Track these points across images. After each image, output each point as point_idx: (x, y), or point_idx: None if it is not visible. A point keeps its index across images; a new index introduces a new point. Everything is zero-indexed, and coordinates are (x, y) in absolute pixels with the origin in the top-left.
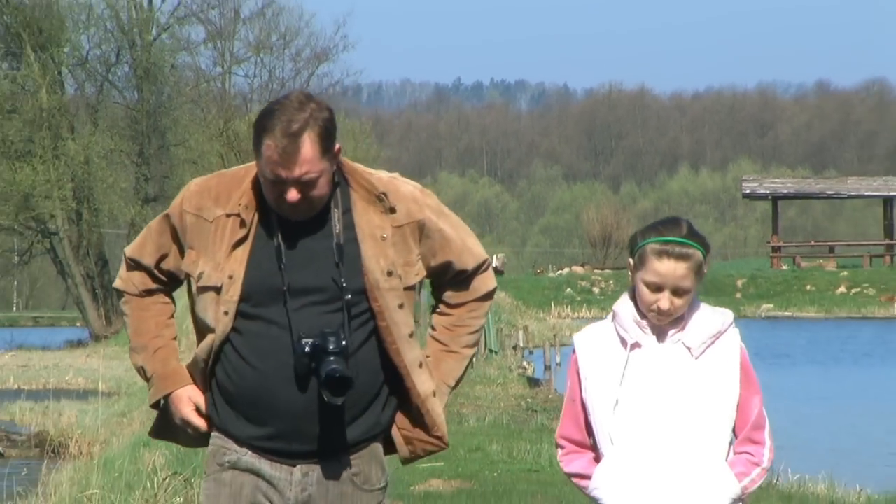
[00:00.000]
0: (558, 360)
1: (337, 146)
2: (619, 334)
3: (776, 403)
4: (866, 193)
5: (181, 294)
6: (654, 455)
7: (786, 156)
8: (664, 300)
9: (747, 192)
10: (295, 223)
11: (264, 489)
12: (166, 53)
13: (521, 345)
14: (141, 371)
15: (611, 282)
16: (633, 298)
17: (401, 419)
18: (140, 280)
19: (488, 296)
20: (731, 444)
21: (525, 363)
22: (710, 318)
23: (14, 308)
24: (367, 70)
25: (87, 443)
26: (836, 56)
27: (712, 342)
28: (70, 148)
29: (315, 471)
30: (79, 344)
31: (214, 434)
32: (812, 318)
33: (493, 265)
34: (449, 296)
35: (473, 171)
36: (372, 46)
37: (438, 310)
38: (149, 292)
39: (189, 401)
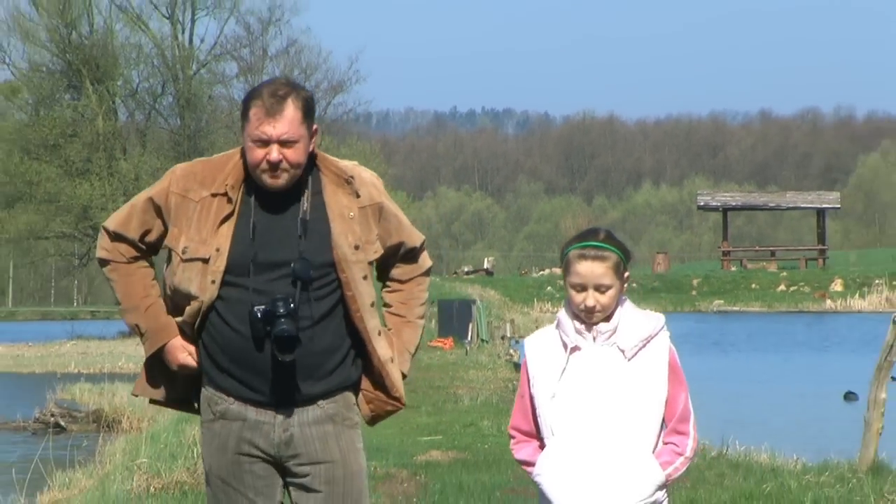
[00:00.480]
0: None
1: (315, 126)
2: (561, 339)
3: (725, 385)
4: (802, 205)
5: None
6: (589, 446)
7: (734, 173)
8: (589, 298)
9: (701, 204)
10: (271, 203)
11: (249, 436)
12: (204, 86)
13: (509, 335)
14: (136, 328)
15: None
16: (570, 306)
17: (363, 382)
18: (125, 249)
19: (429, 271)
20: (660, 434)
21: (511, 351)
22: (643, 323)
23: (74, 303)
24: (376, 99)
25: (136, 419)
26: (777, 88)
27: (644, 345)
28: (122, 167)
29: (296, 414)
30: (130, 334)
31: (205, 386)
32: (756, 311)
33: (485, 267)
34: (399, 273)
35: (467, 187)
36: (380, 79)
37: (389, 288)
38: (134, 258)
39: (183, 348)
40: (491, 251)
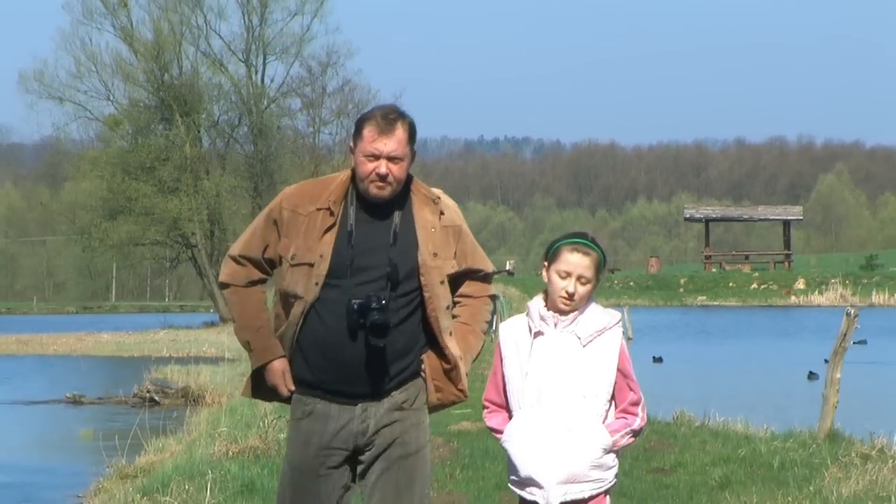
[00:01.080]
0: None
1: (414, 150)
2: (529, 323)
3: (706, 366)
4: (771, 217)
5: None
6: (548, 417)
7: (714, 190)
8: (571, 284)
9: (687, 216)
10: (368, 216)
11: (331, 432)
12: (273, 118)
13: None
14: (246, 344)
15: None
16: (545, 298)
17: (434, 372)
18: (245, 274)
19: (493, 297)
20: (609, 409)
21: None
22: (599, 317)
23: (166, 299)
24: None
25: (217, 395)
26: (750, 119)
27: (598, 335)
28: (205, 185)
29: (372, 406)
30: (212, 324)
31: (297, 388)
32: (733, 305)
33: (507, 268)
34: (470, 291)
35: (492, 202)
36: (419, 111)
37: (460, 303)
38: (251, 283)
39: (281, 373)
40: (512, 255)
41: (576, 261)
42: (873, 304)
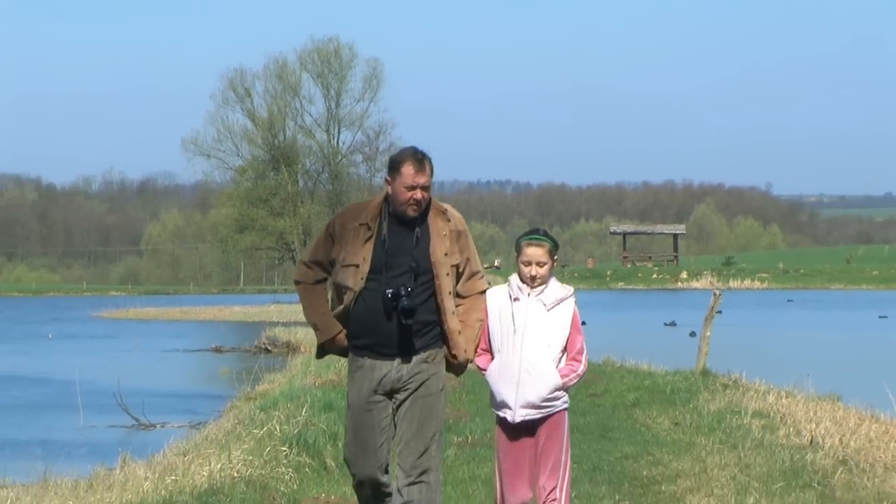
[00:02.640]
0: None
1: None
2: (509, 291)
3: (624, 326)
4: (665, 232)
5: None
6: (518, 361)
7: (630, 215)
8: (533, 269)
9: (611, 231)
10: (396, 228)
11: (375, 378)
12: (344, 168)
13: None
14: (314, 325)
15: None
16: (518, 275)
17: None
18: (313, 274)
19: (484, 293)
20: (561, 358)
21: None
22: (559, 290)
23: (275, 284)
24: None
25: (308, 346)
26: (652, 166)
27: (559, 302)
28: (301, 211)
29: (404, 363)
30: None
31: (351, 349)
32: (641, 289)
33: (495, 264)
34: (463, 290)
35: (486, 222)
36: (439, 160)
37: (457, 302)
38: (317, 282)
39: (344, 339)
40: (499, 256)
41: (532, 252)
42: (730, 288)
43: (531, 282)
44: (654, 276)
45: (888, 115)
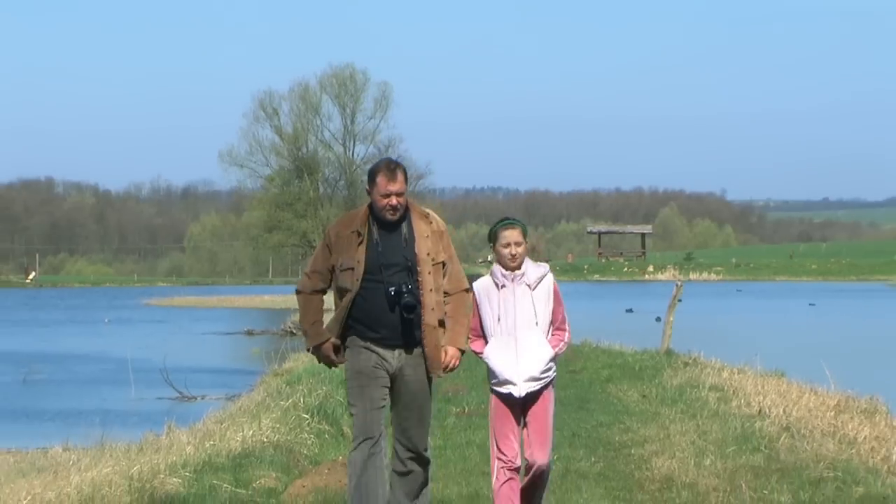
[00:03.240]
0: None
1: (407, 183)
2: (494, 281)
3: (598, 313)
4: (635, 231)
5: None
6: (514, 341)
7: (603, 216)
8: (511, 249)
9: (588, 231)
10: (384, 231)
11: (377, 360)
12: (358, 176)
13: None
14: (305, 332)
15: None
16: (499, 261)
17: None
18: (311, 284)
19: (468, 290)
20: (549, 331)
21: None
22: (538, 270)
23: (300, 276)
24: (436, 180)
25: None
26: (624, 175)
27: (540, 281)
28: (321, 214)
29: (403, 353)
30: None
31: (354, 340)
32: (613, 280)
33: (489, 259)
34: (448, 288)
35: (481, 223)
36: (441, 171)
37: (445, 301)
38: (315, 292)
39: (330, 347)
40: (491, 252)
41: (507, 234)
42: (690, 280)
43: (512, 261)
44: (625, 269)
45: (823, 127)
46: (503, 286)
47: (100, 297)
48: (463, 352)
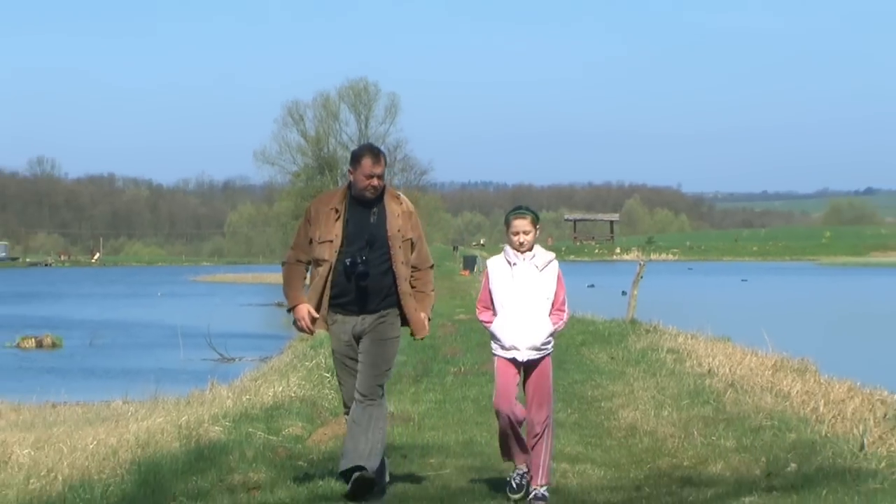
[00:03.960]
0: None
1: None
2: (506, 259)
3: (576, 288)
4: (604, 219)
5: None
6: (522, 314)
7: (578, 206)
8: (520, 237)
9: (565, 218)
10: (358, 209)
11: (347, 330)
12: None
13: None
14: (286, 295)
15: None
16: (510, 245)
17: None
18: (294, 255)
19: (432, 267)
20: (550, 310)
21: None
22: (546, 254)
23: None
24: (435, 175)
25: None
26: (593, 170)
27: (547, 265)
28: None
29: (367, 317)
30: None
31: (329, 308)
32: (587, 260)
33: (481, 242)
34: (416, 264)
35: (476, 212)
36: (441, 167)
37: (413, 277)
38: (298, 262)
39: (304, 310)
40: (483, 236)
41: (518, 223)
42: (651, 260)
43: (520, 248)
44: (596, 251)
45: (763, 130)
46: (514, 265)
47: (153, 275)
48: (430, 319)
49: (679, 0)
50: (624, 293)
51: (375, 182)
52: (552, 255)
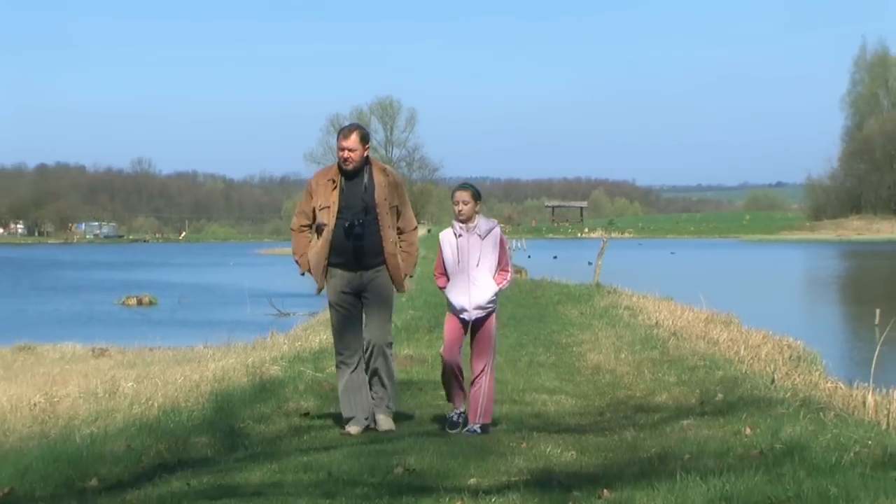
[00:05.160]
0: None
1: (367, 145)
2: (453, 232)
3: (547, 259)
4: (576, 206)
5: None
6: (468, 278)
7: (554, 195)
8: (460, 206)
9: (546, 206)
10: (351, 181)
11: (345, 284)
12: (395, 170)
13: None
14: (295, 260)
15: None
16: (455, 216)
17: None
18: (298, 222)
19: (416, 228)
20: (496, 272)
21: None
22: (488, 223)
23: None
24: (443, 171)
25: None
26: (570, 166)
27: (489, 232)
28: None
29: (364, 273)
30: None
31: (329, 267)
32: (562, 238)
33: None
34: (402, 227)
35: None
36: (451, 164)
37: (400, 238)
38: (302, 227)
39: (305, 262)
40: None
41: (459, 195)
42: (612, 238)
43: (459, 216)
44: (569, 230)
45: (698, 133)
46: (460, 236)
47: (226, 249)
48: (411, 276)
49: (635, 38)
50: (590, 263)
51: (346, 154)
52: (494, 222)
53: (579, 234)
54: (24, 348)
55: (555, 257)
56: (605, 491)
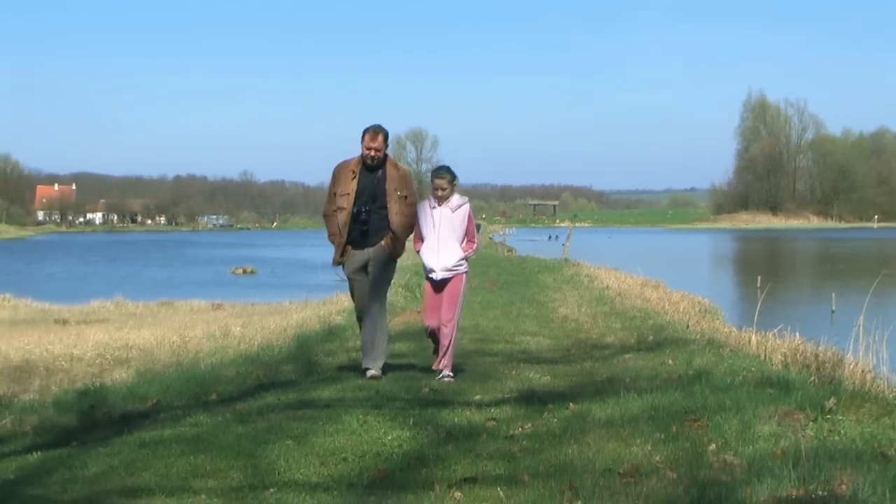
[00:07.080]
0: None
1: (387, 145)
2: (429, 205)
3: (527, 241)
4: (551, 204)
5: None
6: (437, 243)
7: (536, 197)
8: (439, 192)
9: (530, 204)
10: (368, 173)
11: (358, 260)
12: (423, 179)
13: (491, 236)
14: (331, 241)
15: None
16: (432, 195)
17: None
18: (329, 208)
19: (415, 204)
20: (463, 241)
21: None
22: (460, 199)
23: None
24: (459, 179)
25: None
26: (546, 173)
27: (459, 206)
28: None
29: (369, 249)
30: None
31: (347, 244)
32: (541, 227)
33: (482, 217)
34: (405, 206)
35: (478, 201)
36: (460, 164)
37: (403, 212)
38: (333, 212)
39: (332, 239)
40: (484, 213)
41: (437, 182)
42: (576, 227)
43: (439, 196)
44: (545, 222)
45: (646, 138)
46: (434, 208)
47: (306, 235)
48: (400, 242)
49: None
50: (556, 238)
51: (373, 153)
52: (465, 199)
53: (553, 224)
54: (165, 304)
55: (531, 241)
56: (571, 404)
